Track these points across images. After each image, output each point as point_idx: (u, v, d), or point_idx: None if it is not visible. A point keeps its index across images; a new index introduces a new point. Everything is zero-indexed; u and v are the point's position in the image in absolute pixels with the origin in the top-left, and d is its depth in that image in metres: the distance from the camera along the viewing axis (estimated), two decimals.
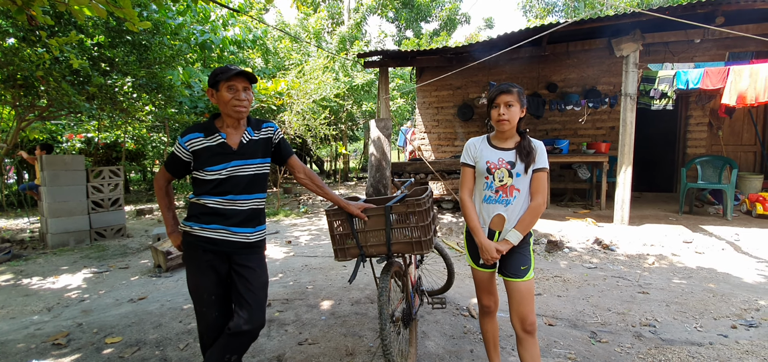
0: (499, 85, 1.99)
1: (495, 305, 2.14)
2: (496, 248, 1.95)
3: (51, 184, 6.04)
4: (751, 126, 7.41)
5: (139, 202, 10.85)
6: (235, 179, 1.89)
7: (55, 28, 5.18)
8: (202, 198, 1.89)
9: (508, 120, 1.94)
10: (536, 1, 20.65)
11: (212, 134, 1.90)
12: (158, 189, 2.03)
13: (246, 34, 8.27)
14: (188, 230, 1.91)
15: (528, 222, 1.96)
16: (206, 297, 1.90)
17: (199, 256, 1.90)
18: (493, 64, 7.63)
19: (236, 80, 1.86)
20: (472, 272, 2.13)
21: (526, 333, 1.95)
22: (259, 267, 1.97)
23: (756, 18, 5.66)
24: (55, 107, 6.14)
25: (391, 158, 6.97)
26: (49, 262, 5.32)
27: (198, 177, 1.91)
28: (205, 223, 1.88)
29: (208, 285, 1.90)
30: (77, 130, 9.90)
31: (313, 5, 17.86)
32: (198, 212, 1.90)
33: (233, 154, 1.89)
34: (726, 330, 2.94)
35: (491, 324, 2.17)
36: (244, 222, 1.93)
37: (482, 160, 2.01)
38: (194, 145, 1.89)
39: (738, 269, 4.29)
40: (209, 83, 1.91)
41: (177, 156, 1.92)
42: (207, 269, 1.89)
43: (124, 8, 2.38)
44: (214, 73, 1.88)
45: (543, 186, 1.97)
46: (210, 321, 1.92)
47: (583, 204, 7.36)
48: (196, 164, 1.90)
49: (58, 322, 3.24)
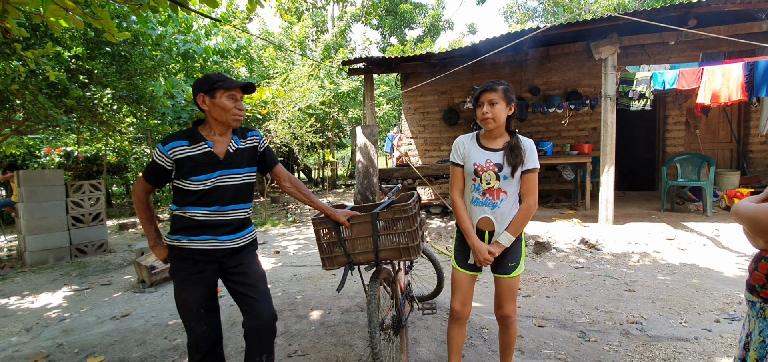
0: (484, 83, 1.97)
1: (467, 313, 2.09)
2: (488, 250, 1.95)
3: (28, 200, 5.86)
4: (727, 124, 7.65)
5: (121, 216, 10.59)
6: (220, 189, 1.85)
7: (30, 41, 5.04)
8: (188, 209, 1.83)
9: (492, 118, 1.91)
10: (517, 7, 21.03)
11: (197, 142, 1.83)
12: (138, 201, 1.94)
13: (229, 43, 8.21)
14: (175, 244, 1.85)
15: (519, 224, 1.96)
16: (195, 310, 1.85)
17: (188, 268, 1.85)
18: (477, 69, 7.72)
19: (238, 90, 1.86)
20: (453, 274, 2.09)
21: (503, 324, 2.10)
22: (253, 262, 1.97)
23: (727, 19, 5.87)
24: (32, 121, 5.97)
25: (378, 164, 6.97)
26: (28, 281, 5.14)
27: (181, 187, 1.84)
28: (194, 236, 1.83)
29: (198, 298, 1.86)
30: (56, 144, 9.65)
31: (297, 14, 17.84)
32: (185, 225, 1.84)
33: (220, 164, 1.85)
34: (710, 324, 3.00)
35: (459, 332, 2.12)
36: (232, 231, 1.91)
37: (470, 160, 2.00)
38: (177, 154, 1.81)
39: (719, 264, 4.40)
40: (201, 88, 1.83)
41: (158, 164, 1.82)
42: (196, 281, 1.85)
43: (102, 19, 2.33)
44: (209, 78, 1.82)
45: (534, 187, 1.96)
46: (199, 335, 1.87)
47: (569, 205, 7.47)
48: (179, 173, 1.82)
49: (38, 343, 3.12)
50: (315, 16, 18.02)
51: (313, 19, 17.78)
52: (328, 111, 12.36)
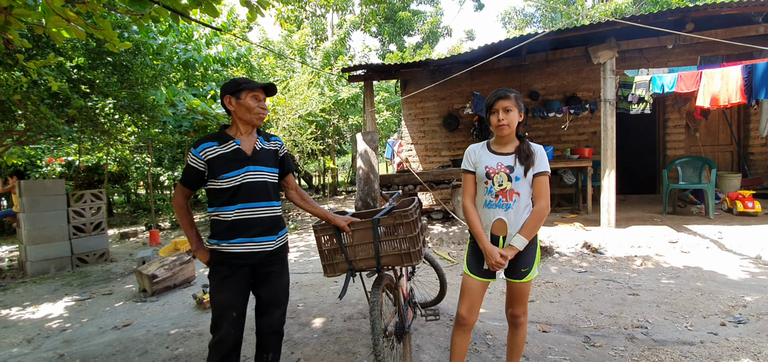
0: (496, 91, 1.99)
1: (473, 321, 2.07)
2: (501, 253, 1.94)
3: (30, 210, 5.86)
4: (727, 126, 7.65)
5: (123, 225, 10.59)
6: (250, 185, 1.95)
7: (33, 51, 5.07)
8: (222, 211, 1.94)
9: (507, 125, 1.95)
10: (515, 13, 21.17)
11: (226, 142, 1.97)
12: (178, 207, 2.04)
13: (229, 51, 8.23)
14: (215, 248, 1.97)
15: (532, 227, 1.96)
16: (228, 313, 1.95)
17: (224, 272, 1.95)
18: (476, 75, 7.75)
19: (260, 91, 2.01)
20: (464, 280, 2.09)
21: (513, 324, 2.15)
22: (282, 271, 2.10)
23: (724, 23, 5.90)
24: (34, 131, 5.99)
25: (378, 170, 6.97)
26: (29, 291, 5.13)
27: (213, 187, 1.96)
28: (230, 238, 1.94)
29: (233, 303, 1.95)
30: (57, 154, 9.66)
31: (297, 22, 17.95)
32: (221, 229, 1.95)
33: (247, 160, 1.97)
34: (715, 327, 2.98)
35: (463, 338, 2.10)
36: (266, 230, 1.99)
37: (481, 165, 2.02)
38: (208, 154, 1.94)
39: (723, 267, 4.38)
40: (228, 90, 1.98)
41: (192, 167, 1.95)
42: (231, 285, 1.95)
43: (104, 30, 2.35)
44: (235, 81, 1.98)
45: (545, 190, 1.97)
46: (224, 335, 1.95)
47: (570, 209, 7.45)
48: (210, 173, 1.94)
49: (39, 354, 3.11)
50: (314, 24, 18.13)
51: (313, 27, 17.88)
52: (328, 118, 12.38)
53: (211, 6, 2.49)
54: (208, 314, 3.78)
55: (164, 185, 12.80)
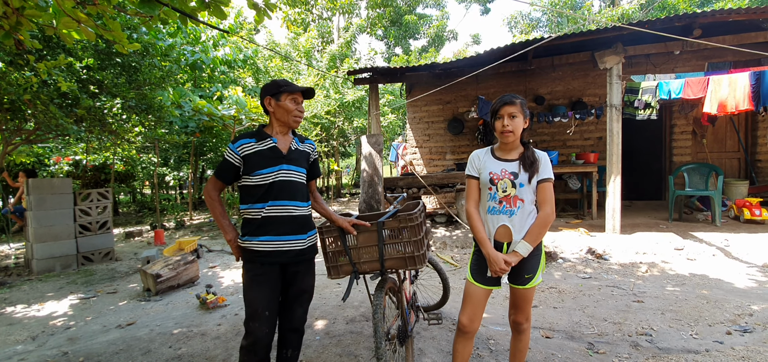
0: (502, 97, 1.98)
1: (475, 329, 2.06)
2: (504, 260, 1.93)
3: (37, 208, 5.92)
4: (734, 133, 7.59)
5: (128, 225, 10.66)
6: (282, 183, 2.00)
7: (43, 52, 5.15)
8: (254, 208, 1.99)
9: (512, 131, 1.95)
10: (521, 18, 21.11)
11: (263, 139, 2.04)
12: (210, 199, 2.08)
13: (236, 53, 8.31)
14: (246, 246, 2.00)
15: (537, 233, 1.95)
16: (260, 311, 1.97)
17: (255, 270, 1.99)
18: (482, 79, 7.75)
19: (299, 94, 2.07)
20: (467, 288, 2.07)
21: (516, 330, 2.15)
22: (308, 273, 2.15)
23: (732, 29, 5.87)
24: (43, 130, 6.06)
25: (383, 173, 6.97)
26: (34, 289, 5.17)
27: (247, 183, 2.01)
28: (261, 236, 1.98)
29: (263, 301, 1.98)
30: (65, 153, 9.76)
31: (303, 25, 18.05)
32: (253, 227, 2.00)
33: (282, 158, 2.03)
34: (721, 336, 2.95)
35: (465, 346, 2.09)
36: (295, 230, 2.03)
37: (485, 170, 2.02)
38: (245, 150, 2.00)
39: (729, 274, 4.33)
40: (268, 92, 2.05)
41: (228, 161, 2.01)
42: (263, 282, 1.99)
43: (113, 31, 2.38)
44: (275, 83, 2.06)
45: (550, 197, 1.97)
46: (259, 337, 1.97)
47: (575, 214, 7.41)
48: (246, 169, 2.00)
49: (43, 351, 3.13)
50: (321, 27, 18.22)
51: (319, 30, 17.98)
52: (333, 120, 12.42)
53: (219, 8, 2.52)
54: (212, 314, 3.80)
55: (170, 185, 12.88)
